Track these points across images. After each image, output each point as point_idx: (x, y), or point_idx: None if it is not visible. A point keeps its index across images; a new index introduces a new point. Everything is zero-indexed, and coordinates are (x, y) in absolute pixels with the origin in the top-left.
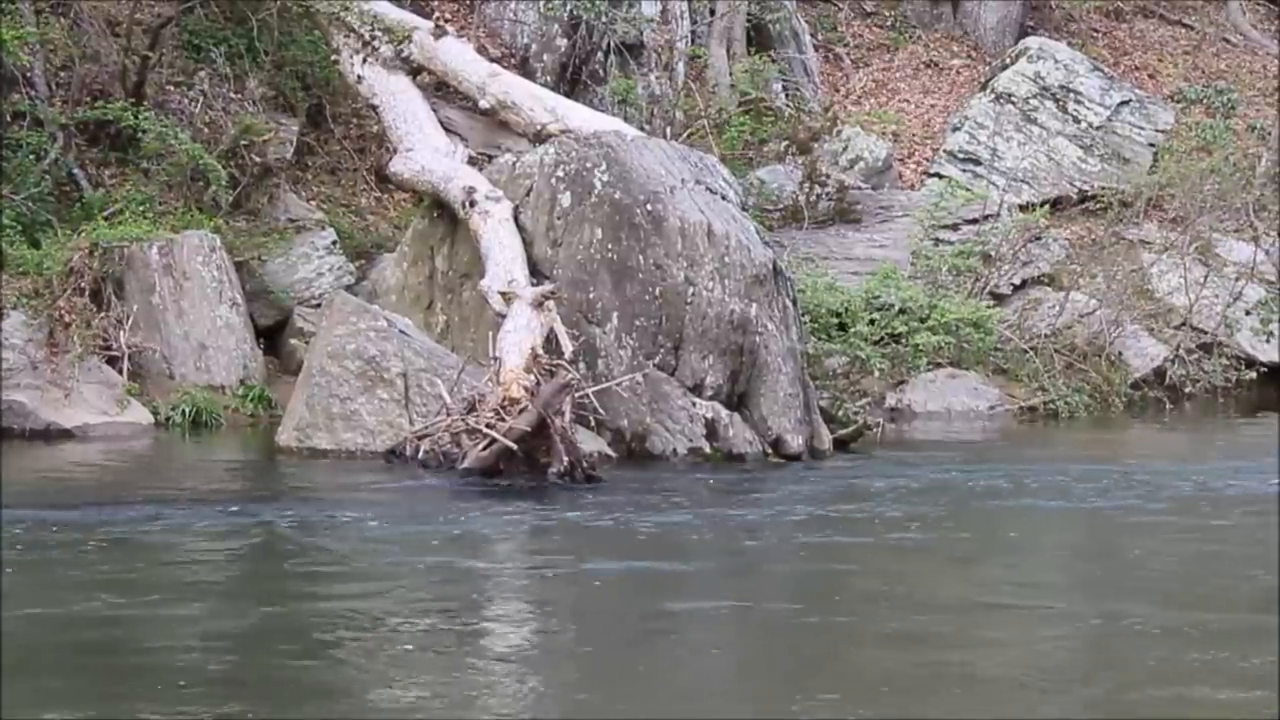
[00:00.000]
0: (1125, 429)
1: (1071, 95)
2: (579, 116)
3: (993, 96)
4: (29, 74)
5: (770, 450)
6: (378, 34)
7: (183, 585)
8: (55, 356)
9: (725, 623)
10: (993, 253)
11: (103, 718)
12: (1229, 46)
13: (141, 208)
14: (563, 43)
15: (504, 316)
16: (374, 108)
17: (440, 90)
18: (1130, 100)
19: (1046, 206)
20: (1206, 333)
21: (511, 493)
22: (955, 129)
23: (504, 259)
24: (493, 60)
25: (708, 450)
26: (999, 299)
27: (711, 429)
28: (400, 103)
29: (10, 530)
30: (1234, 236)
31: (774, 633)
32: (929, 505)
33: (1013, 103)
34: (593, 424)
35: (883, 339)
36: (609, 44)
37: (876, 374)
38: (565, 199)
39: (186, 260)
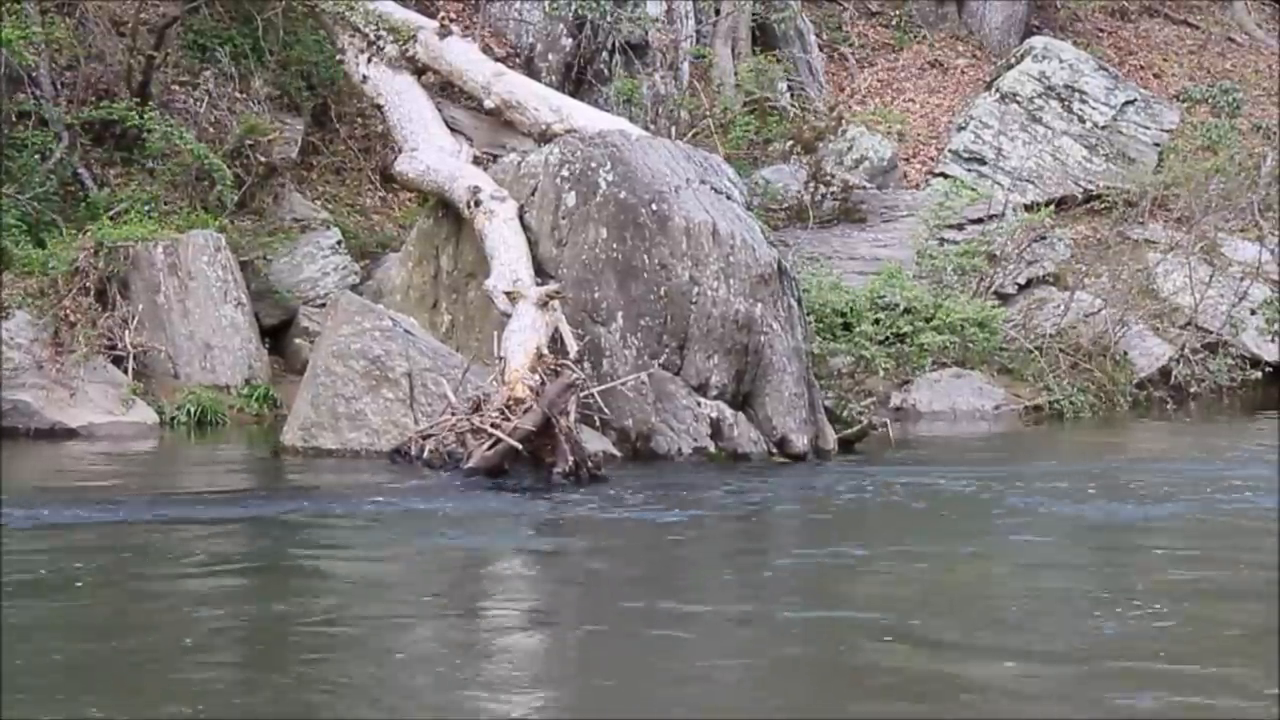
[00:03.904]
0: (1130, 429)
1: (1076, 95)
2: (584, 116)
3: (998, 96)
4: (34, 73)
5: (775, 450)
6: (383, 33)
7: (184, 585)
8: (60, 356)
9: (732, 624)
10: (997, 252)
11: (107, 718)
12: (1234, 46)
13: (146, 207)
14: (567, 42)
15: (509, 316)
16: (379, 107)
17: (445, 90)
18: (1135, 100)
19: (1051, 206)
20: (1211, 332)
21: (516, 492)
22: (960, 128)
23: (509, 258)
24: (497, 60)
25: (712, 450)
26: (1004, 298)
27: (716, 429)
28: (405, 102)
29: (12, 529)
30: (1239, 236)
31: (779, 634)
32: (933, 508)
33: (1018, 102)
34: (597, 424)
35: (887, 339)
36: (614, 44)
37: (881, 374)
38: (570, 198)
39: (191, 260)
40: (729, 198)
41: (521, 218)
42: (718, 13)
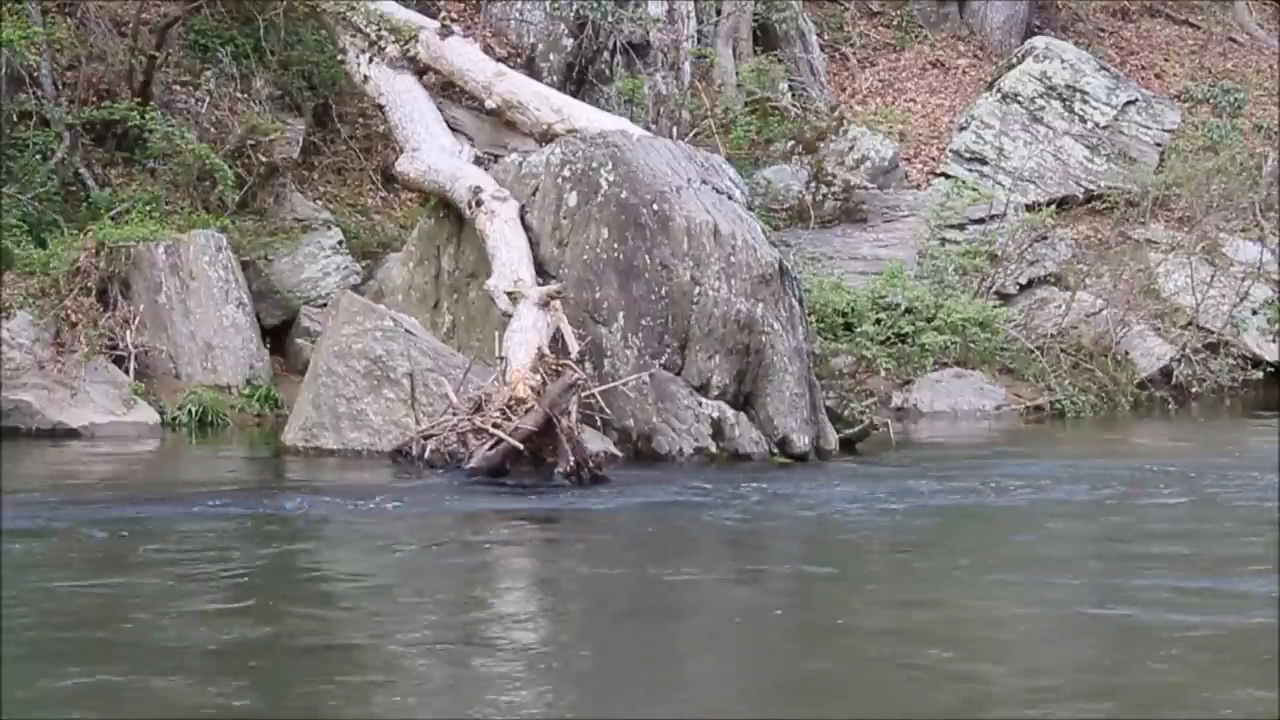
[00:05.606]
0: (1131, 429)
1: (1078, 95)
2: (585, 116)
3: (999, 96)
4: (36, 73)
5: (776, 450)
6: (384, 33)
7: (185, 585)
8: (62, 356)
9: (733, 624)
10: (999, 252)
11: (110, 718)
12: (1235, 46)
13: (148, 207)
14: (569, 42)
15: (510, 316)
16: (380, 107)
17: (446, 90)
18: (1137, 100)
19: (1053, 206)
20: (1213, 332)
21: (518, 493)
22: (961, 128)
23: (510, 258)
24: (499, 60)
25: (714, 450)
26: (1005, 299)
27: (717, 429)
28: (406, 102)
29: (12, 529)
30: (1240, 236)
31: (780, 635)
32: (933, 508)
33: (1019, 102)
34: (599, 424)
35: (889, 339)
36: (615, 43)
37: (883, 374)
38: (571, 198)
39: (193, 260)
40: (730, 198)
41: (523, 218)
42: (719, 13)
